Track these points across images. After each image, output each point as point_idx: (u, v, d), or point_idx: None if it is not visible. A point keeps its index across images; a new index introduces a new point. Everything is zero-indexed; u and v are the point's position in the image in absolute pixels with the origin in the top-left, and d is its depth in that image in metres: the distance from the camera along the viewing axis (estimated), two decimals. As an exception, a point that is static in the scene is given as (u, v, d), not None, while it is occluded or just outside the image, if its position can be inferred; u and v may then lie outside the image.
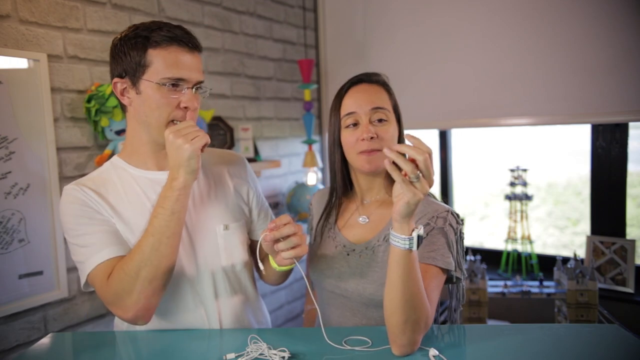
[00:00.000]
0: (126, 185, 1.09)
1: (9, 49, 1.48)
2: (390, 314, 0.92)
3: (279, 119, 2.63)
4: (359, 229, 1.18)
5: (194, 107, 1.03)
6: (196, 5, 2.12)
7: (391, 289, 0.91)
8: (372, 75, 1.18)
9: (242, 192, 1.23)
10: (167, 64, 0.99)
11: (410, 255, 0.89)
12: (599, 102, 2.01)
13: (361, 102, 1.12)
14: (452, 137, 2.68)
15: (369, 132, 1.09)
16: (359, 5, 2.69)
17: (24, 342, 1.55)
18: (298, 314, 2.75)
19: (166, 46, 0.99)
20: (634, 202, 3.01)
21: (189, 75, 1.01)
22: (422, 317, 0.92)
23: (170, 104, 1.01)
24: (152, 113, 1.02)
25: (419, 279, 0.92)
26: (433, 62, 2.42)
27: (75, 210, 1.03)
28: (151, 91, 1.00)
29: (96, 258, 1.00)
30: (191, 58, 1.02)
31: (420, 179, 0.84)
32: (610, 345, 0.96)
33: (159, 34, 0.99)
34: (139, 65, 1.00)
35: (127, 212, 1.06)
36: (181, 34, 1.01)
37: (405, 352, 0.92)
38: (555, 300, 2.10)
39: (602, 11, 1.96)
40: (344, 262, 1.15)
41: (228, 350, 0.93)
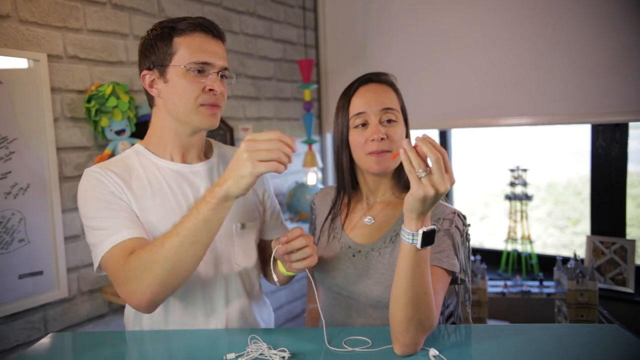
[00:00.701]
0: (149, 174, 1.08)
1: (9, 49, 1.48)
2: (395, 311, 0.91)
3: (279, 119, 2.63)
4: (365, 229, 1.17)
5: (220, 90, 1.04)
6: (196, 5, 2.12)
7: (396, 285, 0.91)
8: (380, 74, 1.17)
9: (258, 192, 1.23)
10: (193, 49, 1.02)
11: (416, 253, 0.88)
12: (599, 102, 2.01)
13: (371, 102, 1.11)
14: (452, 137, 2.68)
15: (379, 133, 1.08)
16: (359, 5, 2.69)
17: (24, 342, 1.55)
18: (298, 314, 2.75)
19: (190, 33, 1.03)
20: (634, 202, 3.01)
21: (214, 60, 1.04)
22: (427, 318, 0.91)
23: (197, 87, 1.03)
24: (180, 99, 1.04)
25: (428, 279, 0.91)
26: (433, 62, 2.42)
27: (96, 193, 1.01)
28: (178, 77, 1.03)
29: (113, 239, 0.97)
30: (215, 44, 1.06)
31: (428, 176, 0.82)
32: (610, 345, 0.96)
33: (184, 23, 1.03)
34: (166, 54, 1.03)
35: (149, 201, 1.05)
36: (205, 21, 1.05)
37: (407, 352, 0.91)
38: (555, 300, 2.10)
39: (602, 11, 1.96)
40: (349, 263, 1.14)
41: (228, 350, 0.93)
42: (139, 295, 0.92)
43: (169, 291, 0.95)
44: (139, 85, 1.88)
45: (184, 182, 1.10)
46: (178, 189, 1.08)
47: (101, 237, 0.98)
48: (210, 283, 1.11)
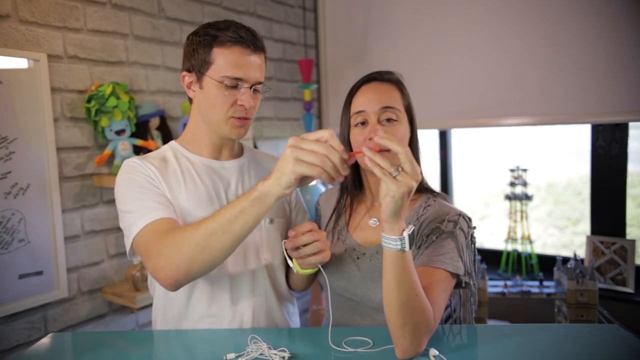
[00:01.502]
0: (184, 168, 1.12)
1: (9, 49, 1.48)
2: (389, 318, 0.91)
3: (279, 119, 2.63)
4: (370, 231, 1.16)
5: (249, 105, 1.06)
6: (196, 5, 2.12)
7: (387, 292, 0.90)
8: (384, 73, 1.16)
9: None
10: (229, 63, 1.03)
11: (403, 256, 0.87)
12: (599, 102, 2.01)
13: (371, 100, 1.10)
14: (452, 137, 2.68)
15: (375, 132, 1.06)
16: (359, 5, 2.69)
17: (24, 342, 1.55)
18: (299, 314, 2.75)
19: (230, 46, 1.04)
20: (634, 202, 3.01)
21: (247, 76, 1.05)
22: (423, 321, 0.90)
23: (228, 101, 1.05)
24: (212, 109, 1.07)
25: (416, 281, 0.90)
26: (433, 62, 2.42)
27: (133, 180, 1.06)
28: (212, 88, 1.05)
29: (146, 218, 0.99)
30: (253, 59, 1.06)
31: (401, 173, 0.82)
32: (610, 345, 0.96)
33: (226, 34, 1.03)
34: (204, 62, 1.05)
35: (182, 194, 1.09)
36: (247, 35, 1.05)
37: (408, 356, 0.91)
38: (555, 300, 2.10)
39: (602, 11, 1.96)
40: (353, 265, 1.14)
41: (228, 350, 0.93)
42: (167, 270, 0.93)
43: (194, 274, 0.95)
44: (139, 85, 1.88)
45: (215, 176, 1.14)
46: (209, 181, 1.13)
47: (135, 218, 1.01)
48: (238, 275, 1.13)
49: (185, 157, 1.15)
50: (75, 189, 1.68)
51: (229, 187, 1.15)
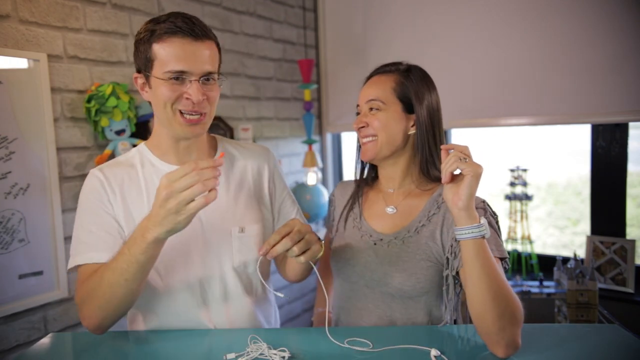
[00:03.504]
0: (148, 178, 1.09)
1: (9, 49, 1.48)
2: (483, 314, 0.89)
3: (279, 119, 2.63)
4: (387, 219, 1.18)
5: (197, 98, 0.98)
6: (196, 5, 2.12)
7: (477, 286, 0.90)
8: (390, 65, 1.21)
9: (262, 192, 1.20)
10: (169, 56, 0.97)
11: (484, 244, 0.90)
12: (599, 102, 2.01)
13: (362, 95, 1.18)
14: (452, 137, 2.68)
15: (357, 123, 1.17)
16: (359, 5, 2.69)
17: (24, 342, 1.55)
18: (298, 314, 2.75)
19: (167, 38, 0.97)
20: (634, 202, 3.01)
21: (192, 67, 0.97)
22: (517, 308, 0.90)
23: (173, 95, 0.99)
24: (161, 108, 1.01)
25: (498, 267, 0.92)
26: (433, 62, 2.42)
27: (90, 200, 1.06)
28: (159, 86, 0.99)
29: (80, 258, 1.01)
30: (196, 48, 0.98)
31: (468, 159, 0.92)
32: (610, 345, 0.96)
33: (162, 27, 0.97)
34: (147, 61, 0.99)
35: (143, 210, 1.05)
36: (185, 24, 0.97)
37: (510, 352, 0.89)
38: (555, 300, 2.10)
39: (602, 11, 1.96)
40: (371, 251, 1.15)
41: (228, 350, 0.93)
42: (87, 319, 0.98)
43: (112, 318, 0.98)
44: (139, 85, 1.88)
45: None
46: None
47: (74, 250, 1.04)
48: (209, 287, 1.10)
49: (151, 164, 1.10)
50: (75, 189, 1.68)
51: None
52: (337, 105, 2.86)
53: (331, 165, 3.01)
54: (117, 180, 1.07)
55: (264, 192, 1.20)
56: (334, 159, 3.04)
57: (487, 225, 0.91)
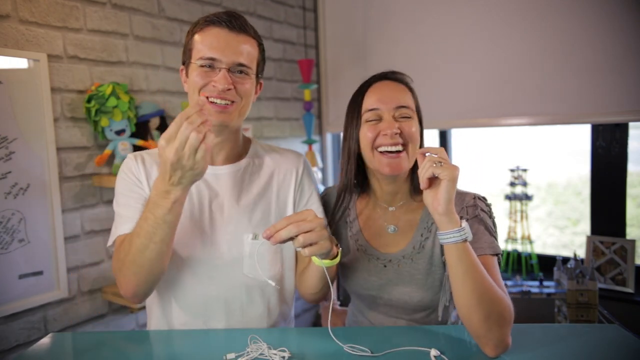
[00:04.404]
0: None
1: (9, 49, 1.48)
2: (469, 315, 0.89)
3: (279, 119, 2.63)
4: (389, 238, 1.15)
5: (222, 85, 1.00)
6: (196, 5, 2.12)
7: (462, 289, 0.90)
8: (397, 73, 1.16)
9: (287, 200, 1.17)
10: (203, 44, 1.01)
11: (466, 247, 0.90)
12: (599, 102, 2.01)
13: (386, 99, 1.08)
14: (452, 137, 2.68)
15: (392, 127, 1.05)
16: (359, 5, 2.69)
17: (24, 342, 1.55)
18: (298, 314, 2.75)
19: (205, 27, 1.02)
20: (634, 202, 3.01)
21: (222, 56, 1.00)
22: (504, 309, 0.90)
23: (202, 83, 1.01)
24: (192, 94, 1.04)
25: (483, 269, 0.91)
26: (433, 62, 2.42)
27: (122, 180, 1.10)
28: (191, 72, 1.03)
29: (120, 229, 1.05)
30: (230, 38, 1.01)
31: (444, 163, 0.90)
32: (610, 345, 0.96)
33: (205, 19, 1.02)
34: (187, 51, 1.05)
35: None
36: (225, 16, 1.02)
37: (499, 352, 0.89)
38: (555, 300, 2.10)
39: (602, 11, 1.96)
40: (382, 274, 1.13)
41: (228, 350, 0.93)
42: (123, 288, 1.00)
43: (146, 284, 1.00)
44: (139, 85, 1.88)
45: (203, 184, 1.10)
46: (195, 191, 1.09)
47: (116, 224, 1.07)
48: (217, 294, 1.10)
49: None
50: (75, 189, 1.68)
51: (216, 197, 1.10)
52: (337, 105, 2.86)
53: (331, 165, 3.01)
54: (146, 164, 1.10)
55: (289, 199, 1.17)
56: (334, 159, 3.04)
57: (469, 228, 0.91)
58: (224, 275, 1.10)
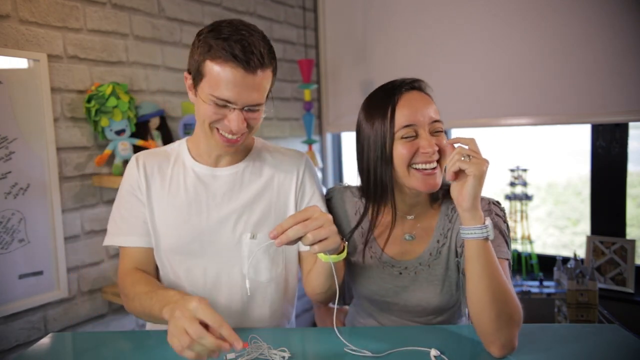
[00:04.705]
0: (174, 175, 1.13)
1: (9, 49, 1.48)
2: (480, 312, 0.90)
3: (279, 119, 2.63)
4: (405, 246, 1.14)
5: (236, 129, 0.98)
6: (196, 5, 2.12)
7: (477, 286, 0.90)
8: (421, 82, 1.11)
9: (288, 199, 1.16)
10: (217, 81, 0.95)
11: (487, 245, 0.90)
12: (599, 102, 2.01)
13: (421, 114, 1.02)
14: (452, 137, 2.68)
15: (432, 146, 1.00)
16: (359, 5, 2.68)
17: (24, 342, 1.55)
18: (298, 314, 2.75)
19: (221, 63, 0.94)
20: (634, 202, 3.01)
21: (237, 98, 0.96)
22: (516, 310, 0.90)
23: (214, 118, 0.99)
24: (201, 118, 1.02)
25: (501, 269, 0.91)
26: (433, 62, 2.42)
27: (125, 184, 1.14)
28: (202, 102, 0.99)
29: (122, 240, 1.12)
30: (246, 80, 0.95)
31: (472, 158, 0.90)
32: (610, 345, 0.96)
33: (220, 47, 0.93)
34: (198, 72, 0.98)
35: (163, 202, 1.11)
36: (242, 52, 0.93)
37: (505, 353, 0.89)
38: (555, 300, 2.10)
39: (602, 11, 1.96)
40: (398, 281, 1.12)
41: (228, 350, 0.93)
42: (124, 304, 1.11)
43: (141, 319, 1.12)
44: (139, 85, 1.88)
45: (201, 186, 1.11)
46: (193, 192, 1.11)
47: (113, 230, 1.14)
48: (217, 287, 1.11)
49: (182, 163, 1.14)
50: (75, 189, 1.68)
51: (213, 198, 1.10)
52: (337, 105, 2.86)
53: (331, 165, 3.01)
54: (147, 168, 1.13)
55: (289, 200, 1.16)
56: (334, 159, 3.04)
57: (492, 227, 0.91)
58: (224, 276, 1.10)
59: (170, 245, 1.11)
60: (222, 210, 1.10)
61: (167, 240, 1.11)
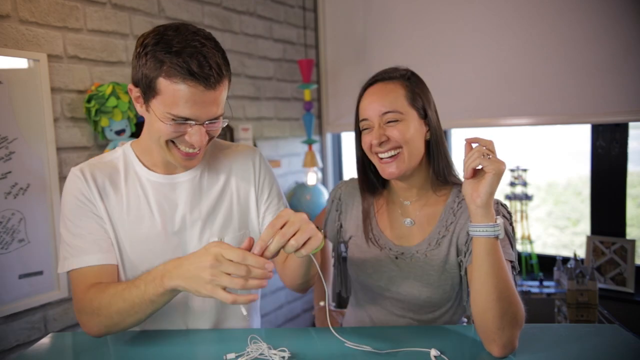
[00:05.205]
0: (130, 185, 1.06)
1: (9, 49, 1.48)
2: (485, 311, 0.90)
3: (279, 119, 2.63)
4: (405, 231, 1.15)
5: (199, 144, 0.95)
6: (196, 5, 2.12)
7: (483, 284, 0.90)
8: (390, 71, 1.14)
9: (248, 198, 1.15)
10: (174, 100, 0.89)
11: (496, 243, 0.90)
12: (599, 102, 2.01)
13: (373, 106, 1.09)
14: (452, 137, 2.68)
15: (377, 138, 1.07)
16: (359, 5, 2.69)
17: (24, 342, 1.55)
18: (298, 314, 2.75)
19: (178, 81, 0.88)
20: (634, 202, 3.00)
21: (199, 115, 0.92)
22: (518, 311, 0.91)
23: (172, 135, 0.95)
24: (156, 134, 0.96)
25: (507, 269, 0.91)
26: (433, 62, 2.42)
27: (74, 201, 1.02)
28: (156, 120, 0.93)
29: (77, 261, 1.00)
30: (207, 97, 0.90)
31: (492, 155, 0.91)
32: (610, 345, 0.96)
33: (174, 64, 0.87)
34: (149, 88, 0.91)
35: (123, 216, 1.04)
36: (199, 68, 0.87)
37: (506, 353, 0.89)
38: (555, 300, 2.10)
39: (602, 11, 1.96)
40: (393, 265, 1.13)
41: (228, 350, 0.93)
42: (87, 328, 0.98)
43: (114, 332, 0.98)
44: (139, 85, 1.88)
45: (162, 198, 1.07)
46: (155, 204, 1.06)
47: (67, 253, 1.01)
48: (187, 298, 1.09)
49: (135, 173, 1.07)
50: (75, 189, 1.68)
51: (176, 210, 1.07)
52: (337, 105, 2.86)
53: (331, 165, 3.01)
54: (97, 181, 1.04)
55: (250, 195, 1.15)
56: (334, 159, 3.04)
57: (503, 226, 0.91)
58: None
59: (138, 259, 1.05)
60: (186, 219, 1.08)
61: (135, 255, 1.05)
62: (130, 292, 0.90)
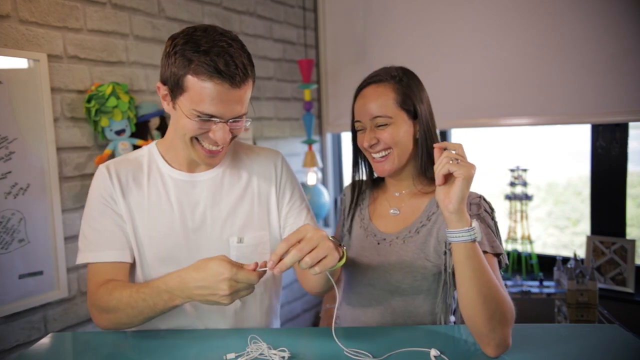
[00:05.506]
0: (152, 182, 1.09)
1: (9, 49, 1.48)
2: (474, 315, 0.90)
3: (279, 119, 2.63)
4: (390, 219, 1.20)
5: (223, 141, 0.98)
6: (196, 5, 2.12)
7: (467, 288, 0.90)
8: (381, 73, 1.17)
9: (269, 199, 1.16)
10: (201, 97, 0.93)
11: (475, 247, 0.90)
12: (599, 102, 2.01)
13: (364, 109, 1.15)
14: (452, 137, 2.68)
15: (368, 141, 1.14)
16: (359, 5, 2.69)
17: (24, 342, 1.55)
18: (298, 314, 2.75)
19: (205, 79, 0.91)
20: (634, 202, 3.00)
21: (223, 113, 0.95)
22: (508, 309, 0.91)
23: (197, 132, 0.98)
24: (182, 131, 0.99)
25: (490, 270, 0.92)
26: (433, 62, 2.42)
27: (97, 197, 1.07)
28: (182, 116, 0.97)
29: (94, 256, 1.05)
30: (232, 95, 0.94)
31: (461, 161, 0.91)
32: (610, 345, 0.96)
33: (202, 62, 0.90)
34: (177, 86, 0.95)
35: (144, 212, 1.07)
36: (226, 67, 0.91)
37: (501, 351, 0.90)
38: (555, 300, 2.10)
39: (602, 11, 1.96)
40: (374, 250, 1.18)
41: (228, 350, 0.93)
42: (97, 321, 1.04)
43: (122, 329, 1.04)
44: (139, 85, 1.88)
45: (183, 194, 1.09)
46: (176, 202, 1.08)
47: (84, 246, 1.07)
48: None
49: (158, 170, 1.10)
50: (75, 189, 1.68)
51: (196, 207, 1.09)
52: (337, 105, 2.86)
53: (331, 165, 3.01)
54: (121, 178, 1.08)
55: (271, 197, 1.16)
56: (334, 159, 3.04)
57: (479, 228, 0.91)
58: None
59: (156, 255, 1.07)
60: (206, 217, 1.09)
61: (153, 251, 1.07)
62: (137, 300, 0.96)
